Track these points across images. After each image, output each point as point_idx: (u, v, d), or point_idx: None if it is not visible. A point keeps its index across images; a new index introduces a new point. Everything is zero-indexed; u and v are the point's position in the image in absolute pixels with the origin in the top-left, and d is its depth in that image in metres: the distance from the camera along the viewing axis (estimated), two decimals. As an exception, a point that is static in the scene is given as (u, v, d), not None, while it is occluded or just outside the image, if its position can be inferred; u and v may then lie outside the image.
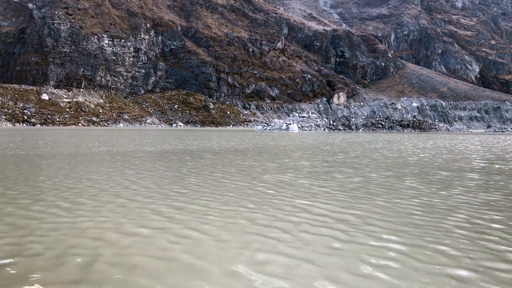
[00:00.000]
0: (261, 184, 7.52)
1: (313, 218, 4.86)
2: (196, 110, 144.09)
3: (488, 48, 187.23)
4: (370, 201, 5.92)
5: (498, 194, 6.82)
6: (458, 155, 16.08)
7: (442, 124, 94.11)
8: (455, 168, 10.95)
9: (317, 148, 19.17)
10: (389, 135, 48.13)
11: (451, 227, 4.56)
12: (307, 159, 13.20)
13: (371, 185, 7.56)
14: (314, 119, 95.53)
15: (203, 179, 8.11)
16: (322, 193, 6.54)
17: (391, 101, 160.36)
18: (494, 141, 32.16)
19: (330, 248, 3.75)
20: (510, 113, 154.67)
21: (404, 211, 5.29)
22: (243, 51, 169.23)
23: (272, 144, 23.41)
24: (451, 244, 3.93)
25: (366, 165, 11.26)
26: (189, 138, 31.26)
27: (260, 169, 9.96)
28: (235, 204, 5.63)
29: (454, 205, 5.73)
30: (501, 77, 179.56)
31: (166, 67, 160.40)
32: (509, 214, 5.23)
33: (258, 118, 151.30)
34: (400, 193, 6.67)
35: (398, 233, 4.25)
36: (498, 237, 4.21)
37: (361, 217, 4.91)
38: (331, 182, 7.88)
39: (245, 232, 4.27)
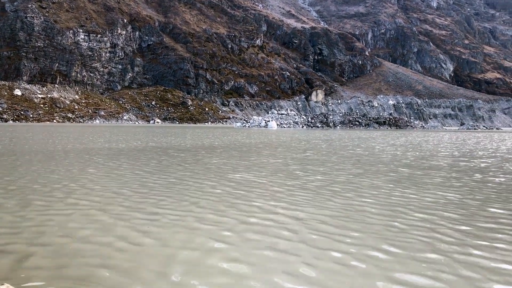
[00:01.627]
0: (223, 182, 7.39)
1: (265, 217, 4.76)
2: (174, 107, 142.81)
3: (461, 48, 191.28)
4: (328, 200, 5.86)
5: (458, 192, 6.86)
6: (427, 152, 16.29)
7: (418, 122, 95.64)
8: (422, 165, 11.05)
9: (291, 145, 19.15)
10: (364, 132, 48.63)
11: (406, 226, 4.52)
12: (277, 156, 13.13)
13: (334, 183, 7.52)
14: (293, 116, 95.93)
15: (166, 177, 7.92)
16: (281, 192, 6.45)
17: (368, 98, 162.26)
18: (465, 138, 32.82)
19: (274, 249, 3.65)
20: (482, 111, 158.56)
21: (361, 209, 5.24)
22: (222, 48, 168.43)
23: (247, 141, 23.30)
24: (400, 245, 3.88)
25: (334, 163, 11.25)
26: (164, 135, 30.86)
27: (227, 167, 9.83)
28: (189, 204, 5.49)
29: (411, 204, 5.72)
30: (474, 76, 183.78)
31: (143, 63, 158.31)
32: (463, 212, 5.23)
33: (237, 115, 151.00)
34: (361, 191, 6.64)
35: (348, 233, 4.19)
36: (452, 237, 4.19)
37: (313, 217, 4.83)
38: (295, 180, 7.80)
39: (190, 232, 4.14)
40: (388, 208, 5.37)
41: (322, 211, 5.16)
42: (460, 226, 4.56)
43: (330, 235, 4.12)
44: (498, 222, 4.79)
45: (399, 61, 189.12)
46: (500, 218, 5.02)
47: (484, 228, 4.51)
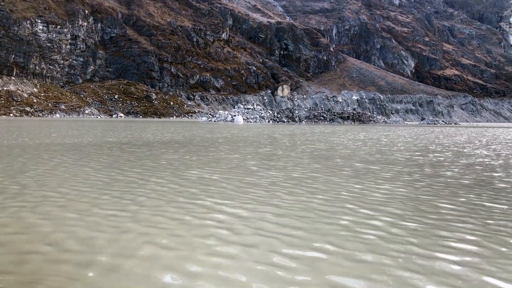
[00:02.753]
0: (172, 179, 7.09)
1: (204, 216, 4.52)
2: (137, 101, 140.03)
3: (422, 45, 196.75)
4: (277, 197, 5.68)
5: (408, 187, 6.84)
6: (385, 147, 16.48)
7: (380, 117, 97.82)
8: (378, 160, 11.10)
9: (253, 140, 18.97)
10: (329, 127, 49.17)
11: (350, 224, 4.39)
12: (237, 151, 12.90)
13: (288, 179, 7.36)
14: (259, 111, 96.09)
15: (112, 174, 7.54)
16: (231, 189, 6.23)
17: (333, 94, 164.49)
18: (424, 133, 33.69)
19: (209, 246, 3.42)
20: (442, 106, 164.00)
21: (309, 207, 5.08)
22: (187, 41, 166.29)
23: (209, 136, 22.95)
24: (340, 244, 3.73)
25: (292, 158, 11.14)
26: (124, 129, 30.01)
27: (181, 163, 9.51)
28: (128, 201, 5.17)
29: (360, 199, 5.62)
30: (433, 72, 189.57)
31: (106, 56, 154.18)
32: (410, 207, 5.17)
33: (203, 109, 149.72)
34: (313, 187, 6.50)
35: (290, 232, 4.00)
36: (395, 235, 4.08)
37: (258, 215, 4.63)
38: (249, 176, 7.60)
39: (117, 231, 3.84)
40: (337, 205, 5.24)
41: (269, 208, 4.97)
42: (404, 222, 4.47)
43: (272, 234, 3.93)
44: (444, 219, 4.74)
45: (363, 57, 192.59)
46: (446, 214, 4.98)
47: (429, 225, 4.44)
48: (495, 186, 7.11)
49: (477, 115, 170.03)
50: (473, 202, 5.64)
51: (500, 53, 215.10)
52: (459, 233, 4.14)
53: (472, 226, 4.40)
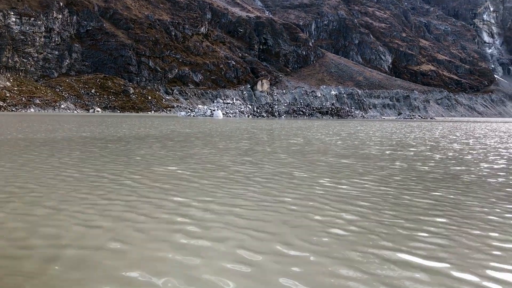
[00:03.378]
0: (145, 174, 7.03)
1: (173, 212, 4.50)
2: (115, 95, 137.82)
3: (399, 40, 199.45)
4: (248, 192, 5.69)
5: (379, 181, 6.95)
6: (360, 141, 16.69)
7: (358, 111, 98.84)
8: (352, 155, 11.23)
9: (229, 135, 18.93)
10: (307, 122, 49.47)
11: (321, 218, 4.44)
12: (212, 146, 12.86)
13: (262, 174, 7.38)
14: (239, 105, 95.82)
15: (83, 170, 7.41)
16: (203, 184, 6.21)
17: (312, 89, 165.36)
18: (400, 127, 34.25)
19: (177, 242, 3.40)
20: (418, 101, 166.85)
21: (278, 201, 5.11)
22: (165, 35, 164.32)
23: (186, 131, 22.79)
24: (301, 242, 3.76)
25: (267, 152, 11.17)
26: (100, 124, 29.52)
27: (154, 159, 9.43)
28: (95, 197, 5.10)
29: (330, 195, 5.69)
30: (410, 67, 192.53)
31: (82, 49, 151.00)
32: (378, 201, 5.26)
33: (182, 104, 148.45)
34: (284, 182, 6.54)
35: (257, 227, 4.02)
36: (360, 230, 4.13)
37: (226, 210, 4.63)
38: (222, 171, 7.59)
39: (84, 228, 3.79)
40: (306, 200, 5.28)
41: (240, 203, 4.97)
42: (375, 217, 4.54)
43: (241, 229, 3.93)
44: (414, 212, 4.83)
45: (341, 52, 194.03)
46: (416, 208, 5.07)
47: (399, 218, 4.52)
48: (464, 179, 7.29)
49: (452, 110, 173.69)
50: (442, 196, 5.77)
51: (474, 49, 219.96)
52: (427, 226, 4.23)
53: (439, 219, 4.50)
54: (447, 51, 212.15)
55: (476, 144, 16.62)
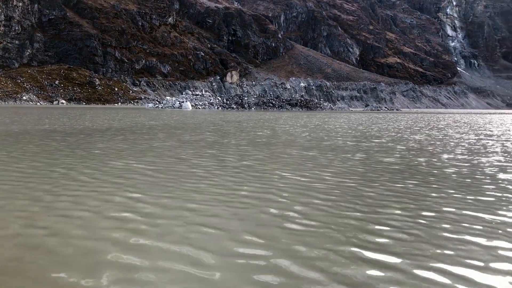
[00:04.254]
0: (98, 169, 6.74)
1: (119, 208, 4.29)
2: (80, 86, 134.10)
3: (367, 33, 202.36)
4: (204, 185, 5.53)
5: (337, 173, 6.91)
6: (325, 133, 16.76)
7: (327, 103, 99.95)
8: (316, 146, 11.22)
9: (194, 128, 18.64)
10: (276, 113, 49.53)
11: (277, 211, 4.33)
12: (173, 139, 12.59)
13: (221, 167, 7.22)
14: (208, 97, 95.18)
15: (33, 164, 7.05)
16: (157, 178, 6.00)
17: (281, 81, 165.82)
18: (365, 119, 34.77)
19: (121, 240, 3.20)
20: (384, 93, 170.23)
21: (233, 194, 4.97)
22: (132, 25, 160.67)
23: (151, 123, 22.32)
24: (253, 237, 3.64)
25: (229, 145, 11.01)
26: (61, 117, 28.52)
27: (112, 152, 9.11)
28: (42, 192, 4.82)
29: (287, 187, 5.60)
30: (377, 60, 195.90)
31: (44, 39, 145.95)
32: (334, 193, 5.21)
33: (149, 96, 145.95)
34: (242, 175, 6.40)
35: (208, 222, 3.87)
36: (308, 223, 4.05)
37: (177, 204, 4.46)
38: (179, 164, 7.39)
39: (26, 222, 3.54)
40: (263, 193, 5.17)
41: (192, 198, 4.80)
42: (335, 210, 4.46)
43: (187, 225, 3.77)
44: (372, 204, 4.79)
45: (310, 44, 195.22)
46: (373, 198, 5.04)
47: (353, 212, 4.46)
48: (424, 171, 7.36)
49: (417, 102, 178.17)
50: (402, 188, 5.78)
51: (438, 42, 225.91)
52: (383, 219, 4.19)
53: (397, 211, 4.47)
54: (413, 44, 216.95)
55: (438, 135, 17.00)
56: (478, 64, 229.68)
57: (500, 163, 8.56)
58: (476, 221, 4.15)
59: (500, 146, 12.28)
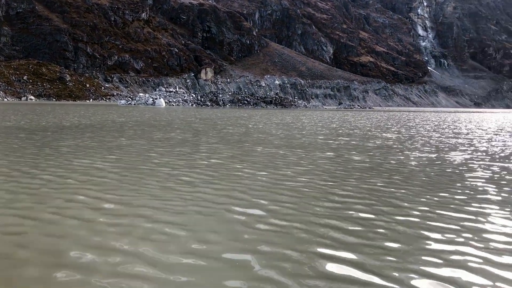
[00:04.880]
0: (62, 167, 6.57)
1: (77, 212, 4.20)
2: (50, 82, 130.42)
3: (340, 32, 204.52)
4: (165, 187, 5.47)
5: (303, 171, 6.96)
6: (296, 131, 16.86)
7: (301, 101, 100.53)
8: (286, 144, 11.26)
9: (165, 124, 18.42)
10: (251, 111, 49.49)
11: (238, 211, 4.31)
12: (141, 137, 12.40)
13: (187, 167, 7.16)
14: (182, 94, 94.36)
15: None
16: (118, 178, 5.90)
17: (256, 78, 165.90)
18: (337, 116, 35.18)
19: (75, 242, 3.13)
20: (357, 91, 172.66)
21: (195, 197, 4.94)
22: (104, 20, 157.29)
23: (121, 120, 21.92)
24: (209, 240, 3.62)
25: (197, 143, 10.93)
26: (30, 113, 27.68)
27: (77, 151, 8.90)
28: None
29: (252, 186, 5.59)
30: (350, 58, 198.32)
31: (12, 33, 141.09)
32: (295, 192, 5.23)
33: (122, 92, 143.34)
34: (210, 175, 6.37)
35: (163, 226, 3.83)
36: (268, 223, 4.06)
37: (133, 209, 4.39)
38: (144, 164, 7.28)
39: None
40: (227, 191, 5.15)
41: (154, 196, 4.74)
42: (296, 211, 4.48)
43: (150, 225, 3.72)
44: (334, 207, 4.84)
45: (285, 42, 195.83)
46: (337, 196, 5.08)
47: (314, 211, 4.49)
48: (389, 168, 7.49)
49: (389, 100, 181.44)
50: (367, 186, 5.86)
51: (409, 42, 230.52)
52: (344, 217, 4.23)
53: (360, 208, 4.53)
54: (385, 43, 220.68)
55: (407, 133, 17.35)
56: (448, 64, 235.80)
57: (466, 161, 8.80)
58: (441, 219, 4.24)
59: (467, 144, 12.64)
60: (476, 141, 14.05)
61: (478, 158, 9.30)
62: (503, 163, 8.58)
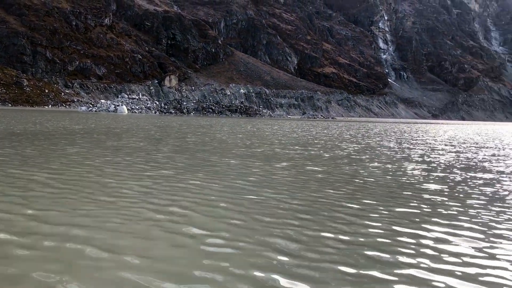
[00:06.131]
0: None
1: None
2: (5, 87, 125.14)
3: (304, 43, 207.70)
4: (102, 196, 5.11)
5: (252, 181, 6.75)
6: (256, 140, 16.69)
7: (266, 110, 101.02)
8: (241, 154, 11.04)
9: (119, 132, 17.82)
10: (215, 119, 49.08)
11: (163, 227, 4.03)
12: (87, 144, 11.86)
13: (128, 179, 6.79)
14: (145, 101, 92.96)
15: None
16: (48, 188, 5.48)
17: (221, 86, 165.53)
18: (302, 126, 35.39)
19: None
20: (321, 102, 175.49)
21: (130, 206, 4.61)
22: (65, 24, 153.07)
23: (74, 127, 21.07)
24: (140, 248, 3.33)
25: (148, 150, 10.54)
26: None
27: (12, 160, 8.32)
28: None
29: (197, 196, 5.32)
30: (314, 69, 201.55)
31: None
32: (240, 201, 5.01)
33: (83, 98, 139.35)
34: (148, 187, 6.04)
35: (95, 235, 3.49)
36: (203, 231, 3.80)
37: (62, 219, 4.03)
38: (82, 175, 6.86)
39: None
40: (169, 205, 4.84)
41: (90, 213, 4.38)
42: (235, 221, 4.24)
43: (76, 248, 3.37)
44: (282, 216, 4.63)
45: (250, 51, 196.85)
46: (283, 207, 4.88)
47: (256, 223, 4.27)
48: (348, 180, 7.39)
49: (351, 111, 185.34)
50: (323, 197, 5.70)
51: (371, 54, 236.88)
52: (287, 229, 4.03)
53: (304, 219, 4.34)
54: (348, 55, 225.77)
55: (367, 143, 17.52)
56: (407, 76, 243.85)
57: (422, 172, 8.85)
58: (398, 234, 4.11)
59: (425, 155, 12.82)
60: (435, 152, 14.31)
61: (432, 168, 9.39)
62: (455, 174, 8.69)
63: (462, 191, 6.61)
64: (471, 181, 7.70)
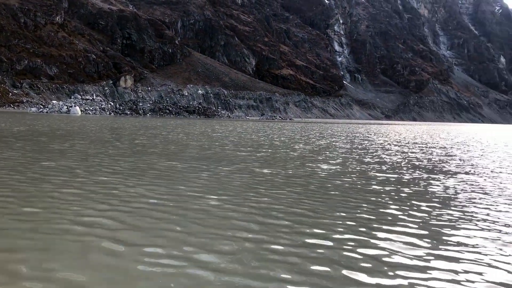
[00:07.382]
0: None
1: None
2: None
3: (262, 44, 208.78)
4: (44, 202, 4.69)
5: (203, 184, 6.50)
6: (213, 142, 16.39)
7: (225, 111, 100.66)
8: (198, 156, 10.74)
9: (60, 134, 16.99)
10: (172, 120, 48.17)
11: (121, 225, 3.71)
12: (24, 149, 11.16)
13: (63, 186, 6.36)
14: (99, 102, 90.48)
15: None
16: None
17: (178, 87, 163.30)
18: (259, 127, 35.35)
19: None
20: (279, 103, 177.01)
21: (70, 211, 4.25)
22: (13, 21, 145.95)
23: (19, 129, 19.92)
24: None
25: (95, 153, 10.02)
26: None
27: None
28: None
29: (130, 205, 5.00)
30: (272, 71, 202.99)
31: None
32: (185, 205, 4.75)
33: (33, 99, 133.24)
34: (79, 196, 5.65)
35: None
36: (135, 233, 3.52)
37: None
38: (13, 180, 6.36)
39: None
40: (100, 216, 4.50)
41: (10, 227, 3.98)
42: (176, 227, 3.98)
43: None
44: (220, 227, 4.41)
45: (208, 52, 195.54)
46: (233, 212, 4.66)
47: (201, 230, 4.03)
48: (303, 183, 7.26)
49: (309, 112, 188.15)
50: (270, 201, 5.51)
51: (327, 56, 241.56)
52: (234, 232, 3.81)
53: (253, 227, 4.14)
54: (304, 57, 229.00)
55: (322, 144, 17.62)
56: (362, 79, 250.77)
57: (379, 173, 8.88)
58: (351, 240, 3.98)
59: (383, 156, 12.98)
60: (391, 152, 14.55)
61: (388, 168, 9.47)
62: (404, 173, 8.78)
63: (407, 192, 6.64)
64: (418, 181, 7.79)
